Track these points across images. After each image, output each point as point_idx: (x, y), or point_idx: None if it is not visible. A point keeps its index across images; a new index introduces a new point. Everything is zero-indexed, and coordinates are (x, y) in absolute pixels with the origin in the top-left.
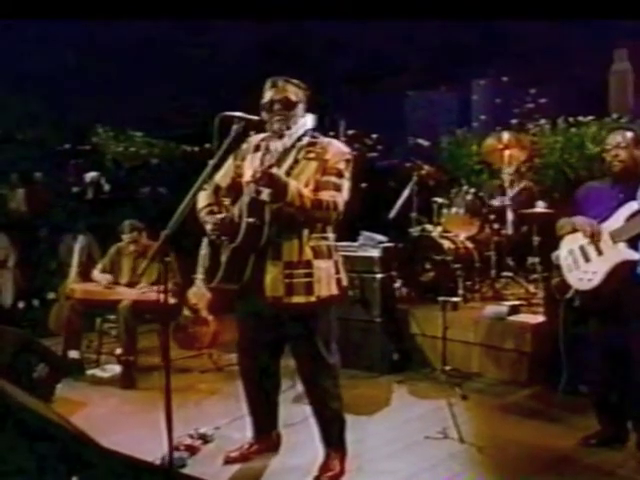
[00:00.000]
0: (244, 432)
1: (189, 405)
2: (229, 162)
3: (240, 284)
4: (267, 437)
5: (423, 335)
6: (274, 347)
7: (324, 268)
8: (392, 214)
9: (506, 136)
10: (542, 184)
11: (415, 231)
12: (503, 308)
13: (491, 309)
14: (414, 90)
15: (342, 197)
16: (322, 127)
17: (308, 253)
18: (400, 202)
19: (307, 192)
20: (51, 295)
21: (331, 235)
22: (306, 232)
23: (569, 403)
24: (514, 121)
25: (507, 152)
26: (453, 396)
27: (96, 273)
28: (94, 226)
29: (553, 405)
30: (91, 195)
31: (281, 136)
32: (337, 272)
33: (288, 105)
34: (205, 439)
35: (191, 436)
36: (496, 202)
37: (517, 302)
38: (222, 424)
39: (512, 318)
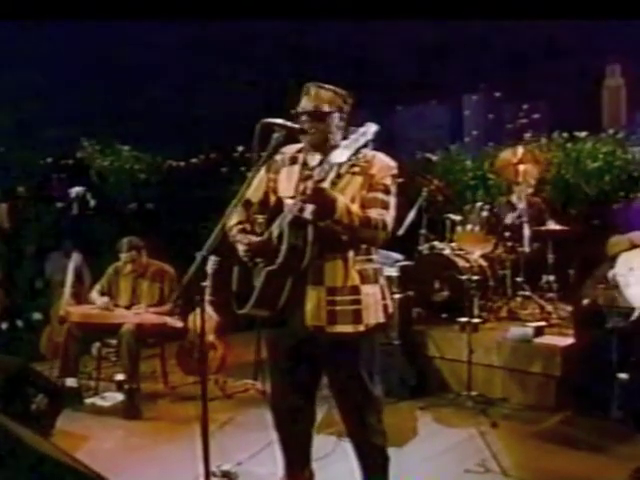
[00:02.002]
0: (268, 467)
1: None
2: (261, 175)
3: (274, 310)
4: (300, 475)
5: (442, 358)
6: (311, 377)
7: (371, 294)
8: (401, 231)
9: (521, 150)
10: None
11: (424, 249)
12: (528, 330)
13: (516, 331)
14: (405, 105)
15: (390, 215)
16: None
17: (355, 278)
18: (409, 218)
19: (355, 209)
20: (37, 316)
21: (376, 257)
22: (351, 254)
23: (605, 429)
24: (528, 135)
25: (522, 167)
26: (482, 423)
27: (94, 295)
28: (81, 242)
29: (590, 432)
30: (76, 210)
31: (333, 147)
32: (383, 298)
33: (316, 116)
34: (229, 477)
35: (214, 474)
36: (511, 219)
37: (541, 323)
38: (243, 459)
39: (538, 340)
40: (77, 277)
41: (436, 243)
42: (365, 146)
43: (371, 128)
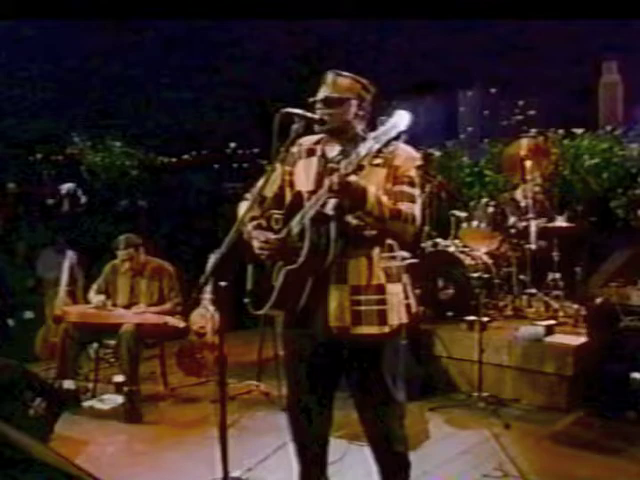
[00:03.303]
0: (279, 473)
1: (208, 442)
2: (276, 168)
3: (294, 311)
4: None
5: (449, 358)
6: (330, 379)
7: (395, 293)
8: None
9: (528, 145)
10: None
11: (427, 246)
12: (539, 329)
13: (526, 330)
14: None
15: (418, 209)
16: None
17: (380, 276)
18: None
19: (386, 200)
20: (28, 314)
21: (399, 254)
22: (377, 251)
23: (619, 431)
24: (533, 131)
25: (528, 162)
26: (495, 425)
27: (92, 294)
28: (72, 240)
29: (603, 434)
30: (67, 207)
31: (355, 137)
32: (406, 297)
33: (330, 103)
34: None
35: None
36: (517, 216)
37: (552, 322)
38: (252, 464)
39: (549, 339)
40: (70, 276)
41: (439, 240)
42: (397, 138)
43: (403, 119)
